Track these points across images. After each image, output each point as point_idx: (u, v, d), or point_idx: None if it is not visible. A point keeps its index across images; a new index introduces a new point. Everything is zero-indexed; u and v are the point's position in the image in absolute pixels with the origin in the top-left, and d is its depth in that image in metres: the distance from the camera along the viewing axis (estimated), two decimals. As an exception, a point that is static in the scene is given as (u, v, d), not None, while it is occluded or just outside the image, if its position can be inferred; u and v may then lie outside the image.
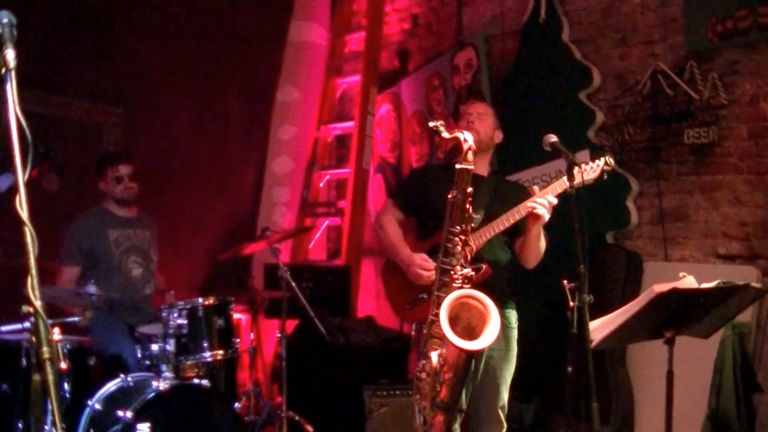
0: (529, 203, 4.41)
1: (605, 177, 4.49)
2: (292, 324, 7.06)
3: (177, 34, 8.27)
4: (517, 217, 4.48)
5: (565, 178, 4.34)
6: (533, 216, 4.41)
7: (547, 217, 4.41)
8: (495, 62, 7.68)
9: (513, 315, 4.77)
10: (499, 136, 4.89)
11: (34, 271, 2.33)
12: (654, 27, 6.42)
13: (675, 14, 6.26)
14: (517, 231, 4.65)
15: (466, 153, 3.99)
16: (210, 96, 8.63)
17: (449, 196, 4.05)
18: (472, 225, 4.25)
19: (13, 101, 2.40)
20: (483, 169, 4.77)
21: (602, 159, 4.52)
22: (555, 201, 4.40)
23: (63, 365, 4.79)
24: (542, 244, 4.60)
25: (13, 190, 2.35)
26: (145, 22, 8.01)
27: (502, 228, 4.52)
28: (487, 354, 4.55)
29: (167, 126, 8.22)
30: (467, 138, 4.01)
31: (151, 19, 8.06)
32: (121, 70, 7.86)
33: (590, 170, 4.46)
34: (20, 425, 4.76)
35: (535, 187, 4.46)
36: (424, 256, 4.65)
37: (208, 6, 8.51)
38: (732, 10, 5.83)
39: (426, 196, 4.82)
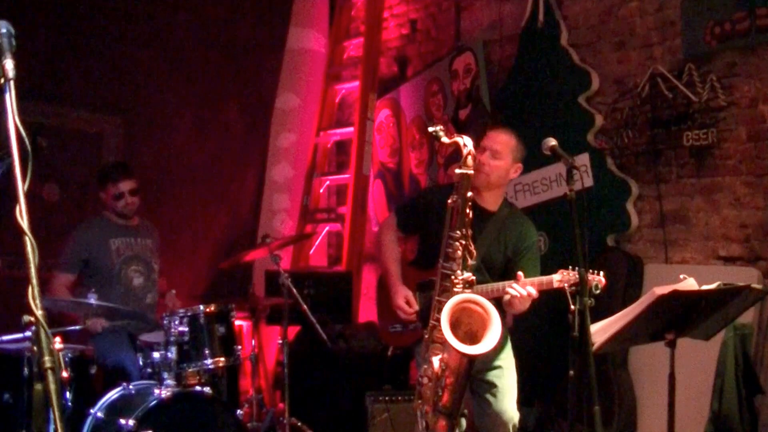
0: (508, 288, 4.38)
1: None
2: (293, 331, 7.07)
3: (176, 43, 8.29)
4: (496, 295, 4.47)
5: (554, 277, 4.35)
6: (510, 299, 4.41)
7: (521, 308, 4.41)
8: (494, 67, 7.69)
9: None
10: (517, 171, 4.84)
11: (35, 281, 2.33)
12: (652, 30, 6.43)
13: (673, 17, 6.26)
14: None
15: (466, 157, 3.99)
16: (209, 104, 8.65)
17: (449, 201, 4.05)
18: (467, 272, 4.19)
19: (13, 111, 2.40)
20: (493, 203, 4.76)
21: (598, 276, 4.40)
22: (535, 295, 4.36)
23: (65, 374, 4.78)
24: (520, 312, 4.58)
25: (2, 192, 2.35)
26: (144, 32, 8.04)
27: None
28: (485, 369, 4.57)
29: (167, 134, 8.24)
30: (467, 143, 4.01)
31: (149, 28, 8.08)
32: (121, 79, 7.89)
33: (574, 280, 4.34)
34: (23, 435, 4.76)
35: (520, 273, 4.40)
36: (409, 295, 4.70)
37: (206, 15, 8.54)
38: (730, 12, 5.83)
39: (427, 228, 4.82)
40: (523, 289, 4.32)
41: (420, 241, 5.02)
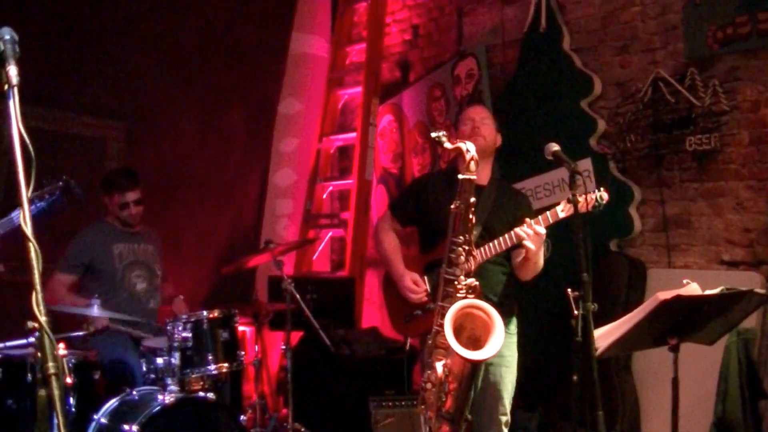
0: (517, 230, 4.46)
1: (593, 209, 4.47)
2: (296, 336, 7.07)
3: (179, 48, 8.29)
4: (509, 244, 4.56)
5: (558, 208, 4.46)
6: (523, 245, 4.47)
7: (533, 247, 4.45)
8: (496, 72, 7.70)
9: (513, 322, 4.80)
10: (499, 140, 4.92)
11: (38, 287, 2.34)
12: (654, 34, 6.43)
13: (675, 21, 6.26)
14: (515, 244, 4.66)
15: (469, 163, 3.98)
16: (212, 109, 8.65)
17: (452, 206, 4.04)
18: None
19: (17, 117, 2.41)
20: (484, 177, 4.79)
21: (598, 193, 4.50)
22: (543, 231, 4.45)
23: (68, 380, 4.79)
24: (538, 263, 4.63)
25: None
26: (146, 37, 8.03)
27: (493, 253, 4.57)
28: (487, 362, 4.56)
29: (170, 139, 8.24)
30: (469, 148, 4.00)
31: (152, 33, 8.08)
32: (124, 84, 7.88)
33: (584, 203, 4.42)
34: (26, 440, 4.76)
35: (527, 219, 4.48)
36: (415, 276, 4.73)
37: (209, 20, 8.54)
38: (732, 16, 5.83)
39: (425, 210, 4.86)
40: (529, 228, 4.41)
41: (419, 227, 5.04)
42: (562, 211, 4.46)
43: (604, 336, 4.13)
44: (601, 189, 4.51)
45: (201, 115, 8.55)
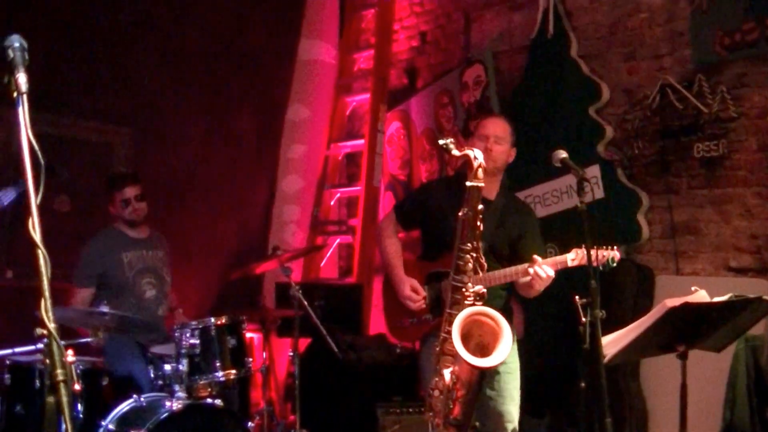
0: (529, 269, 4.46)
1: (603, 268, 4.49)
2: (304, 342, 7.07)
3: (186, 54, 8.31)
4: (515, 278, 4.59)
5: (569, 257, 4.49)
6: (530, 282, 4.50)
7: (540, 289, 4.50)
8: (503, 78, 7.70)
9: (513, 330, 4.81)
10: (512, 155, 4.89)
11: (47, 294, 2.34)
12: (662, 41, 6.43)
13: (682, 28, 6.26)
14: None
15: (477, 170, 3.98)
16: (220, 115, 8.66)
17: (460, 213, 4.03)
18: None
19: (26, 124, 2.42)
20: (491, 191, 4.79)
21: (611, 253, 4.52)
22: (552, 275, 4.45)
23: (77, 386, 4.80)
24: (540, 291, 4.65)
25: (16, 206, 2.37)
26: (154, 42, 8.06)
27: (498, 283, 4.60)
28: (496, 371, 4.57)
29: (177, 145, 8.26)
30: (477, 155, 4.00)
31: (160, 38, 8.10)
32: (131, 90, 7.90)
33: (595, 257, 4.43)
34: (34, 446, 4.77)
35: (537, 257, 4.47)
36: (415, 284, 4.76)
37: (217, 26, 8.56)
38: (739, 22, 5.83)
39: (430, 217, 4.87)
40: (542, 270, 4.40)
41: (423, 234, 5.06)
42: (573, 260, 4.49)
43: (612, 343, 4.13)
44: (615, 248, 4.53)
45: (208, 120, 8.57)
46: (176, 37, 8.23)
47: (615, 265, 4.48)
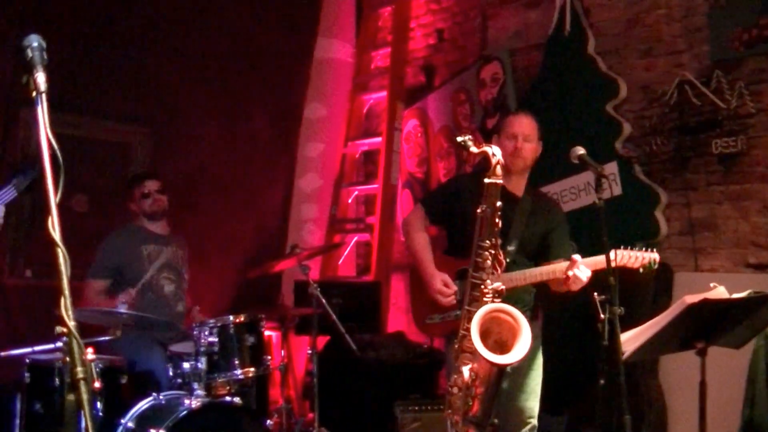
0: (569, 272, 4.42)
1: (643, 270, 4.50)
2: (322, 341, 7.08)
3: (203, 54, 8.33)
4: (551, 277, 4.57)
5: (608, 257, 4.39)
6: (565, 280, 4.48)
7: (576, 288, 4.48)
8: (520, 75, 7.69)
9: (537, 326, 4.80)
10: (539, 150, 4.91)
11: (66, 292, 2.35)
12: (679, 37, 6.40)
13: (700, 24, 6.23)
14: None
15: (495, 167, 3.97)
16: (237, 114, 8.68)
17: (478, 210, 4.03)
18: (507, 260, 4.25)
19: (45, 124, 2.43)
20: (519, 188, 4.80)
21: (652, 255, 4.51)
22: (589, 274, 4.42)
23: (96, 384, 4.81)
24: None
25: (15, 204, 2.38)
26: (171, 42, 8.08)
27: (533, 282, 4.59)
28: (513, 366, 4.56)
29: (195, 145, 8.28)
30: (495, 152, 3.99)
31: (177, 39, 8.12)
32: (149, 90, 7.93)
33: (634, 259, 4.45)
34: (54, 444, 4.79)
35: (575, 256, 4.44)
36: (447, 279, 4.71)
37: (234, 25, 8.57)
38: (757, 18, 5.80)
39: (457, 213, 4.83)
40: (581, 272, 4.38)
41: (450, 230, 5.04)
42: (613, 261, 4.38)
43: (630, 340, 4.12)
44: (655, 250, 4.54)
45: (226, 120, 8.59)
46: (194, 37, 8.25)
47: (657, 266, 4.47)
